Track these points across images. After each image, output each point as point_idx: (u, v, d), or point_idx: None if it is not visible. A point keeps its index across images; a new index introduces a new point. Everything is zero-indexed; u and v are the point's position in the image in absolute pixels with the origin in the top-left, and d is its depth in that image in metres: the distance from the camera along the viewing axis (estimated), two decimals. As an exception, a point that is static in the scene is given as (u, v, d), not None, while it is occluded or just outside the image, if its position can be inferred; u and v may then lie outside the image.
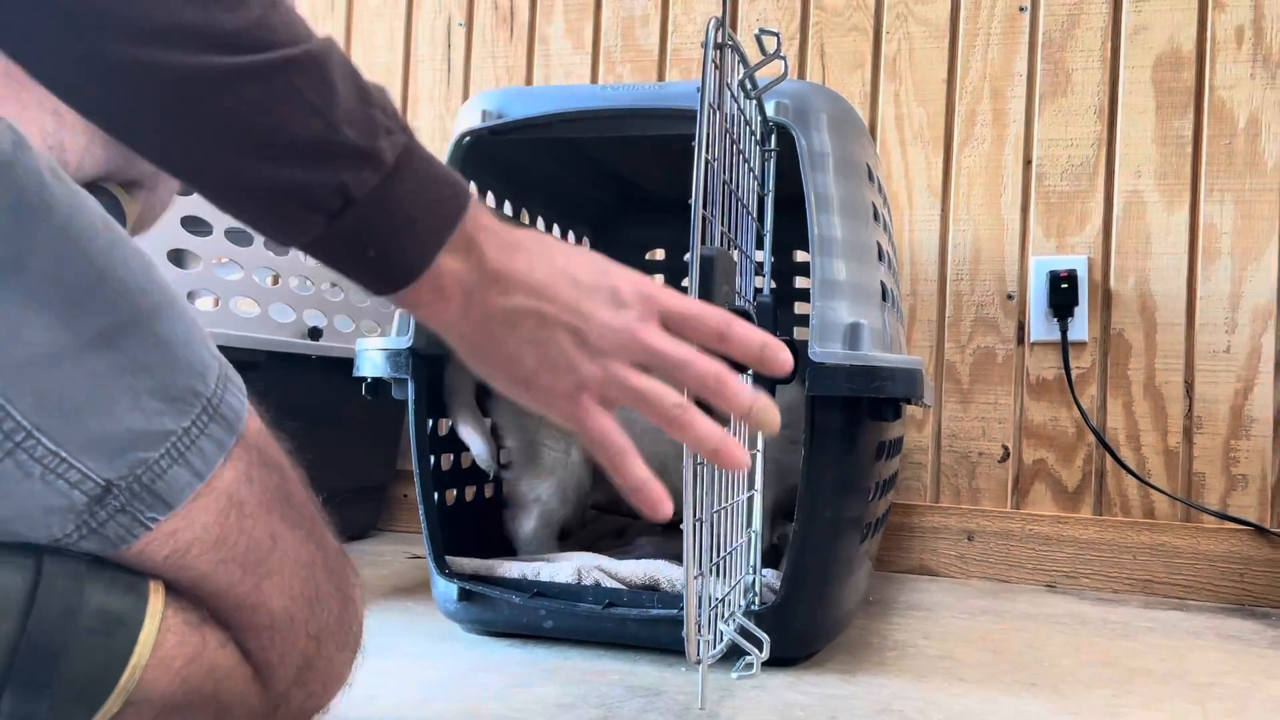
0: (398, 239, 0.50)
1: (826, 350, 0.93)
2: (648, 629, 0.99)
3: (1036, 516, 1.55)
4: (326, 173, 0.47)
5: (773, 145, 0.97)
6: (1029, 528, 1.55)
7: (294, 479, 0.64)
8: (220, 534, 0.56)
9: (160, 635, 0.55)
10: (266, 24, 0.44)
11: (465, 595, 1.04)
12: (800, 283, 1.49)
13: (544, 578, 1.03)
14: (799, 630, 0.99)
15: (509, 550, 1.15)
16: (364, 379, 1.07)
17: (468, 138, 1.05)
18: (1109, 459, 1.53)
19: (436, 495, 1.09)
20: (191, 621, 0.57)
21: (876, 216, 1.05)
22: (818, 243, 0.96)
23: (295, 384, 1.43)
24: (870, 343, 0.95)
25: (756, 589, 0.96)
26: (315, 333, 1.45)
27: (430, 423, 1.10)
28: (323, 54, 0.46)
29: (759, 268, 0.99)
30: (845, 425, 0.97)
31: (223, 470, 0.56)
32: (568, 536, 1.20)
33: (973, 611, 1.32)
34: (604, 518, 1.31)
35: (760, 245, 0.97)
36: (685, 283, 1.58)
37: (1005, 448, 1.58)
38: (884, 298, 1.03)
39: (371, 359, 1.05)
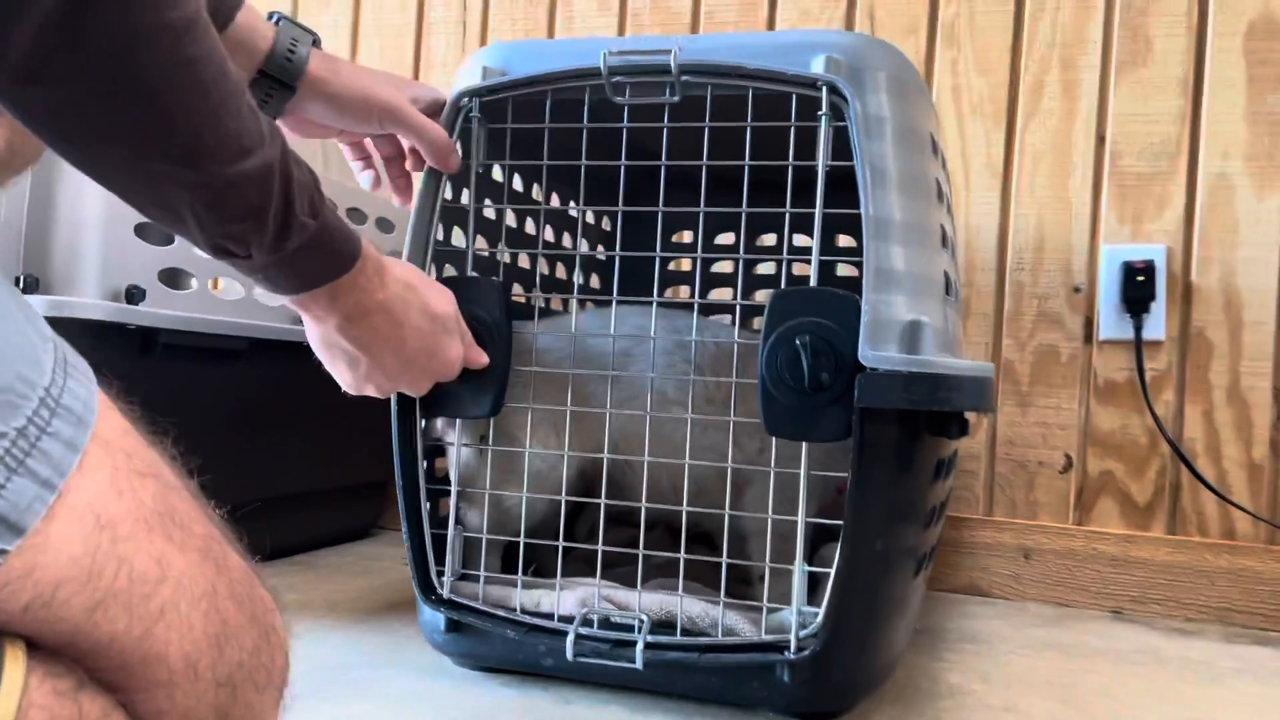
0: (336, 246, 0.68)
1: (880, 353, 0.78)
2: (661, 673, 0.85)
3: (1102, 534, 1.40)
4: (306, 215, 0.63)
5: (825, 108, 0.82)
6: (1093, 546, 1.40)
7: (177, 488, 0.51)
8: (91, 567, 0.44)
9: (21, 713, 0.42)
10: (258, 130, 0.57)
11: (454, 626, 0.91)
12: (844, 271, 1.34)
13: (544, 608, 0.89)
14: (839, 681, 0.84)
15: (510, 566, 1.01)
16: (345, 374, 0.94)
17: (466, 98, 0.91)
18: (1185, 472, 1.37)
19: (428, 505, 0.96)
20: (64, 689, 0.44)
21: (940, 195, 0.90)
22: (872, 225, 0.81)
23: (284, 374, 1.30)
24: (932, 345, 0.80)
25: (795, 633, 0.81)
26: (307, 317, 1.32)
27: (424, 421, 0.96)
28: (280, 155, 0.59)
29: (799, 254, 0.85)
30: (900, 442, 0.82)
31: (80, 480, 0.44)
32: (570, 554, 1.06)
33: (1034, 645, 1.17)
34: (615, 529, 1.17)
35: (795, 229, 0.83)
36: (722, 267, 1.43)
37: (1068, 457, 1.42)
38: (947, 290, 0.88)
39: (353, 352, 0.92)
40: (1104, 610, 1.38)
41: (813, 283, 0.82)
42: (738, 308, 0.89)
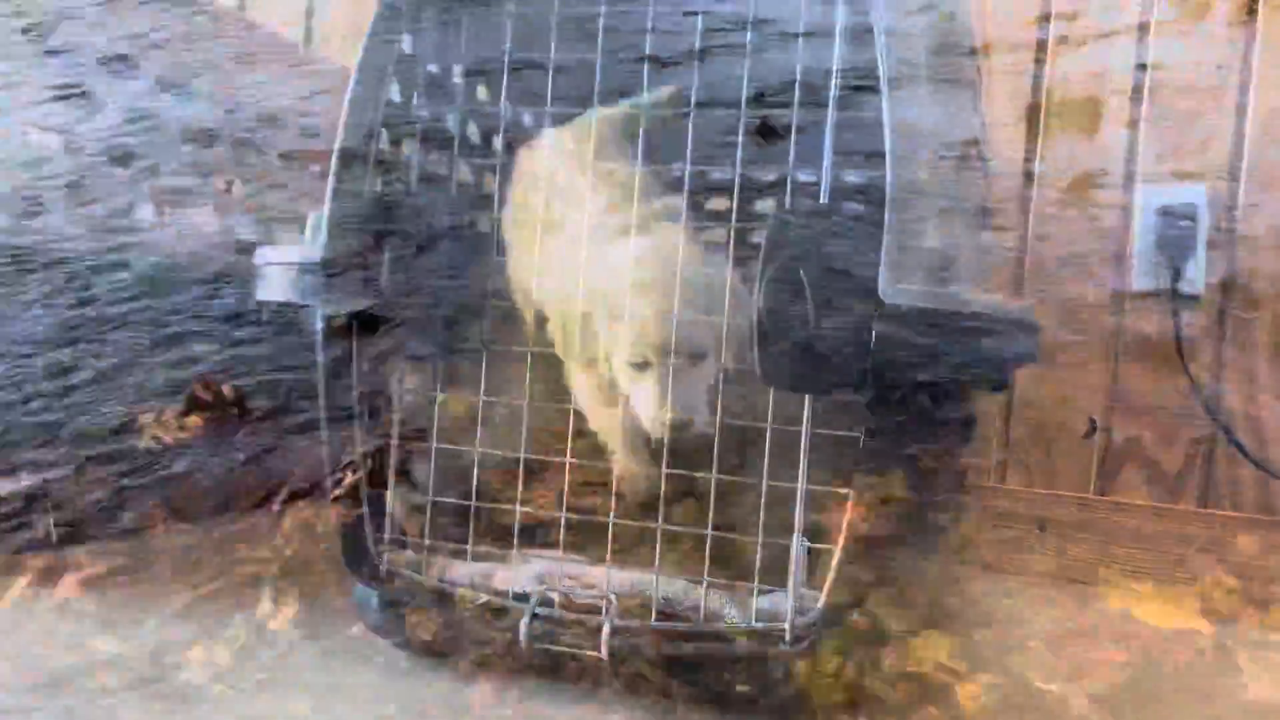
0: None
1: (903, 287, 0.64)
2: (630, 664, 0.72)
3: (1126, 506, 1.27)
4: None
5: (841, -16, 0.68)
6: (1115, 519, 1.27)
7: None
8: None
9: None
10: None
11: (389, 604, 0.78)
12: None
13: (496, 585, 0.76)
14: (840, 676, 0.71)
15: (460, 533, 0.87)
16: (266, 304, 0.80)
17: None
18: (1221, 439, 1.24)
19: (370, 463, 0.82)
20: None
21: (976, 105, 0.75)
22: (896, 133, 0.67)
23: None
24: (965, 279, 0.66)
25: (791, 620, 0.68)
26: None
27: (364, 366, 0.82)
28: None
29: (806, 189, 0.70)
30: (925, 396, 0.68)
31: None
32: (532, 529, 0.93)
33: (1054, 627, 1.05)
34: (586, 497, 1.04)
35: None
36: (712, 205, 1.29)
37: (1092, 420, 1.29)
38: (983, 215, 0.74)
39: (274, 276, 0.77)
40: (1126, 588, 1.26)
41: (823, 198, 0.67)
42: (731, 233, 0.75)
